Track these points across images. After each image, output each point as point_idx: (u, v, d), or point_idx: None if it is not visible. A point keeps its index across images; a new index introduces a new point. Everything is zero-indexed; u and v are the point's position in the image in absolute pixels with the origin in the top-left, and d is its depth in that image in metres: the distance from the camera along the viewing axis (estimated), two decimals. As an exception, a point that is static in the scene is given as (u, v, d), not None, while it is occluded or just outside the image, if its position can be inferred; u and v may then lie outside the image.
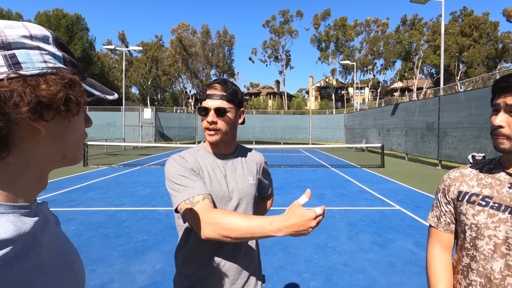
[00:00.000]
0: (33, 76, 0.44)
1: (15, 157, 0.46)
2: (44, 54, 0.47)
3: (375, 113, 19.52)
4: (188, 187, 1.05)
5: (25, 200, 0.50)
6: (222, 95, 1.15)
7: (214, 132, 1.15)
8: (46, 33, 0.49)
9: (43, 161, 0.50)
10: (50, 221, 0.56)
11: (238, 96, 1.19)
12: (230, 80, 1.21)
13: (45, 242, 0.51)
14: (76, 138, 0.54)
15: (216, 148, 1.23)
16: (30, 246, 0.47)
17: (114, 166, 11.88)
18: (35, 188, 0.52)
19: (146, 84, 43.59)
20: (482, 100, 9.67)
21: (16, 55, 0.44)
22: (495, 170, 1.00)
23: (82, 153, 0.57)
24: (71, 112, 0.48)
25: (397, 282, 3.07)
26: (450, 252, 1.09)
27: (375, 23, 42.77)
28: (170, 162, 1.16)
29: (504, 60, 38.64)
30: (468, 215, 0.99)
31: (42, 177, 0.52)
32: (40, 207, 0.55)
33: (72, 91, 0.48)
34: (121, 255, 3.65)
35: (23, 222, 0.47)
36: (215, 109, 1.14)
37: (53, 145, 0.50)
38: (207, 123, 1.15)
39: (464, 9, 39.20)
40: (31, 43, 0.46)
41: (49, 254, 0.51)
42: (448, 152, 11.52)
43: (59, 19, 36.43)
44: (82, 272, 0.60)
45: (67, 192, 7.02)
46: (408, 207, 5.96)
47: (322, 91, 55.48)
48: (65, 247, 0.57)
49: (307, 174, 10.29)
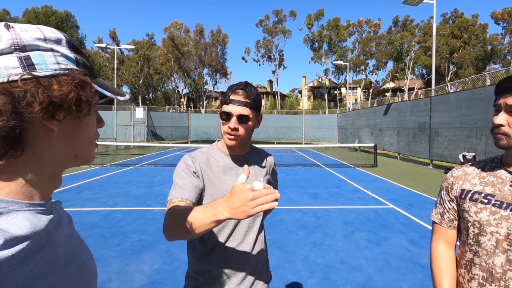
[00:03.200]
0: (46, 77, 0.46)
1: (29, 156, 0.47)
2: (57, 56, 0.48)
3: (367, 113, 19.72)
4: (180, 187, 1.09)
5: (40, 198, 0.51)
6: (246, 102, 1.15)
7: (234, 137, 1.17)
8: (59, 35, 0.50)
9: (57, 159, 0.51)
10: (63, 219, 0.57)
11: (259, 103, 1.21)
12: (251, 84, 1.21)
13: (59, 239, 0.52)
14: (88, 137, 0.55)
15: (231, 149, 1.25)
16: (45, 243, 0.48)
17: (107, 166, 11.74)
18: (49, 187, 0.53)
19: (138, 83, 43.11)
20: (472, 101, 9.87)
21: (30, 57, 0.46)
22: (497, 168, 1.03)
23: (94, 152, 0.59)
24: (82, 112, 0.50)
25: (393, 279, 3.12)
26: (453, 247, 1.13)
27: (367, 23, 43.16)
28: (181, 159, 1.20)
29: (493, 62, 39.45)
30: (471, 213, 1.02)
31: (56, 176, 0.54)
32: (54, 205, 0.56)
33: (83, 92, 0.49)
34: (118, 254, 3.63)
35: (39, 219, 0.48)
36: (238, 116, 1.14)
37: (65, 144, 0.51)
38: (229, 129, 1.15)
39: (455, 11, 39.83)
40: (45, 45, 0.48)
41: (63, 251, 0.52)
42: (439, 152, 11.72)
43: (48, 17, 35.78)
44: (94, 269, 0.62)
45: (59, 192, 6.92)
46: (401, 206, 6.06)
47: (315, 91, 55.76)
48: (78, 245, 0.58)
49: (301, 173, 10.35)
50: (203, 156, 1.22)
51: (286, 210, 5.73)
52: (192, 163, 1.17)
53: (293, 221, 5.03)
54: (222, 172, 1.21)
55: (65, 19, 37.42)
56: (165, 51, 42.40)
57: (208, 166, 1.20)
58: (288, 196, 6.81)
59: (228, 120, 1.16)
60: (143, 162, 13.04)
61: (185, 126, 28.00)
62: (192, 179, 1.13)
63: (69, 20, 37.99)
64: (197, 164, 1.17)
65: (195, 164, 1.17)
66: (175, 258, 3.52)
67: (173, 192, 1.09)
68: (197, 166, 1.16)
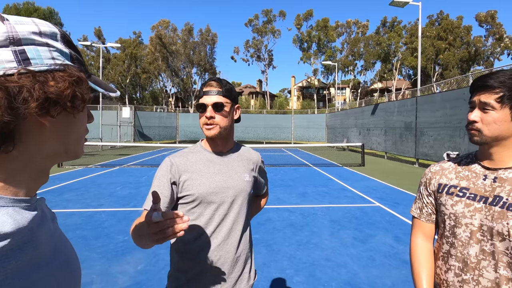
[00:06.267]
0: (42, 72, 0.45)
1: (20, 151, 0.47)
2: (52, 51, 0.48)
3: (355, 113, 19.95)
4: (149, 199, 1.12)
5: (25, 194, 0.50)
6: (218, 91, 1.19)
7: (212, 126, 1.19)
8: (54, 30, 0.49)
9: (46, 155, 0.51)
10: (47, 217, 0.56)
11: (233, 93, 1.24)
12: (224, 79, 1.26)
13: (42, 237, 0.51)
14: (78, 133, 0.55)
15: (213, 145, 1.26)
16: (27, 240, 0.47)
17: (91, 166, 11.52)
18: (37, 182, 0.52)
19: (125, 82, 42.40)
20: (456, 101, 10.09)
21: (25, 51, 0.45)
22: (472, 163, 1.08)
23: (83, 148, 0.58)
24: (76, 108, 0.49)
25: (377, 275, 3.15)
26: (431, 240, 1.16)
27: (355, 24, 43.67)
28: (162, 162, 1.23)
29: (477, 63, 40.50)
30: (447, 206, 1.06)
31: (44, 171, 0.53)
32: (38, 202, 0.55)
33: (79, 88, 0.49)
34: (101, 256, 3.55)
35: (22, 216, 0.47)
36: (212, 105, 1.17)
37: (56, 140, 0.51)
38: (206, 119, 1.18)
39: (441, 13, 40.69)
40: (40, 39, 0.47)
41: (46, 248, 0.51)
42: (425, 151, 11.95)
43: (30, 13, 34.81)
44: (78, 268, 0.60)
45: (41, 194, 6.74)
46: (387, 204, 6.14)
47: (304, 91, 56.06)
48: (62, 243, 0.57)
49: (290, 173, 10.38)
50: (184, 157, 1.22)
51: (274, 209, 5.73)
52: (169, 168, 1.18)
53: (280, 220, 5.03)
54: (205, 169, 1.20)
55: (48, 16, 36.48)
56: (153, 50, 41.87)
57: (188, 166, 1.19)
58: (276, 195, 6.82)
59: (204, 111, 1.19)
60: (129, 163, 12.84)
61: (173, 126, 27.73)
62: (165, 187, 1.15)
63: (52, 17, 37.08)
64: (174, 168, 1.18)
65: (172, 170, 1.18)
66: (160, 259, 3.47)
67: (146, 202, 1.13)
68: (174, 172, 1.17)
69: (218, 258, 1.17)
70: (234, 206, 1.21)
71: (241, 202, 1.23)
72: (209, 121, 1.18)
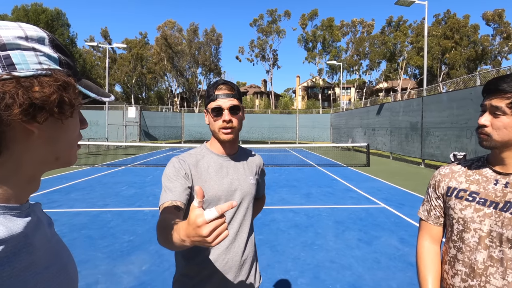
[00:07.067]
0: (27, 78, 0.44)
1: (6, 158, 0.46)
2: (39, 56, 0.47)
3: (360, 113, 19.82)
4: (169, 191, 1.07)
5: (16, 201, 0.49)
6: (232, 94, 1.17)
7: (230, 130, 1.17)
8: (42, 34, 0.48)
9: (36, 162, 0.50)
10: (43, 222, 0.55)
11: (241, 94, 1.25)
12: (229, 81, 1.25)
13: (38, 242, 0.50)
14: (70, 140, 0.53)
15: (222, 148, 1.24)
16: (22, 246, 0.46)
17: (97, 166, 11.61)
18: (26, 190, 0.51)
19: (130, 82, 42.72)
20: (463, 101, 9.97)
21: (10, 56, 0.44)
22: (483, 167, 1.05)
23: (76, 154, 0.57)
24: (64, 114, 0.48)
25: (382, 278, 3.12)
26: (438, 243, 1.15)
27: (361, 24, 43.42)
28: (169, 162, 1.18)
29: (484, 62, 40.00)
30: (456, 210, 1.04)
31: (34, 179, 0.52)
32: (32, 207, 0.54)
33: (66, 93, 0.48)
34: (106, 256, 3.57)
35: (14, 223, 0.47)
36: (229, 108, 1.16)
37: (46, 147, 0.49)
38: (224, 123, 1.16)
39: (448, 12, 40.26)
40: (26, 44, 0.46)
41: (42, 254, 0.51)
42: (431, 151, 11.83)
43: (38, 14, 35.17)
44: (75, 273, 0.60)
45: (48, 193, 6.81)
46: (392, 205, 6.09)
47: (309, 90, 55.92)
48: (58, 248, 0.57)
49: (295, 173, 10.35)
50: (192, 158, 1.20)
51: (278, 209, 5.72)
52: (180, 165, 1.15)
53: (284, 221, 5.02)
54: (214, 172, 1.19)
55: (55, 17, 36.82)
56: (158, 50, 42.12)
57: (198, 167, 1.18)
58: (281, 196, 6.80)
59: (220, 115, 1.16)
60: (135, 162, 12.92)
61: (178, 126, 27.83)
62: (181, 180, 1.10)
63: (59, 18, 37.40)
64: (186, 166, 1.15)
65: (184, 166, 1.15)
66: (165, 260, 3.48)
67: (163, 196, 1.07)
68: (186, 168, 1.14)
69: (226, 262, 1.16)
70: (240, 209, 1.21)
71: (247, 204, 1.23)
72: (228, 125, 1.16)
